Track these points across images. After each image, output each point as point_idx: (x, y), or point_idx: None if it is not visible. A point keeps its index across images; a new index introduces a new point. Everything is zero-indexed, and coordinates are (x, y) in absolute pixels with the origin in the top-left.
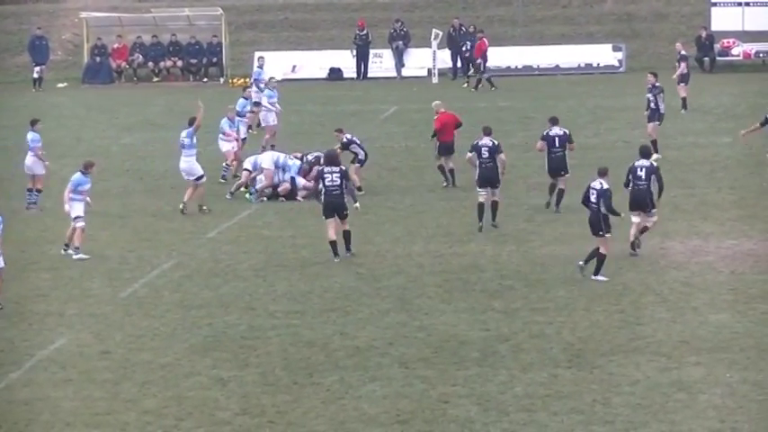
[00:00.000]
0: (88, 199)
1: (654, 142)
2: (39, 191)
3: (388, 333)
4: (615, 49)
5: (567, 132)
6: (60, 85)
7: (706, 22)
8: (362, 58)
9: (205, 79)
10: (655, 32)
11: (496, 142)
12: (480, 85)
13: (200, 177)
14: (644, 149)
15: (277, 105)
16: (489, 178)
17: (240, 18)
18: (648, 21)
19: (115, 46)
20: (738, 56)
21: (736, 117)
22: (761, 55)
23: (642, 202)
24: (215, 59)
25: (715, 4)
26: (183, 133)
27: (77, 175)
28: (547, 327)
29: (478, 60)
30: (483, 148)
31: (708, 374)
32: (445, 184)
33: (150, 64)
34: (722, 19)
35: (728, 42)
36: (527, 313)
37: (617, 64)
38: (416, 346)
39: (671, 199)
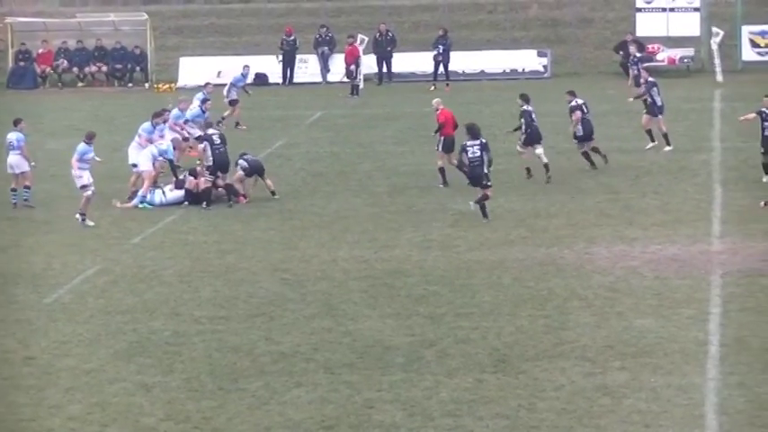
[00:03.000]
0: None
1: (665, 135)
2: (27, 187)
3: (314, 338)
4: (540, 54)
5: (484, 142)
6: None
7: (631, 27)
8: (289, 64)
9: (130, 84)
10: (580, 38)
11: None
12: (356, 93)
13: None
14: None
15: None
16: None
17: (165, 23)
18: (573, 26)
19: (40, 51)
20: (663, 61)
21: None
22: (685, 60)
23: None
24: (140, 65)
25: (640, 10)
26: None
27: (82, 145)
28: (472, 332)
29: (351, 66)
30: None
31: (632, 379)
32: (441, 185)
33: (75, 69)
34: (647, 24)
35: (653, 48)
36: (452, 318)
37: (542, 69)
38: (341, 351)
39: (596, 204)
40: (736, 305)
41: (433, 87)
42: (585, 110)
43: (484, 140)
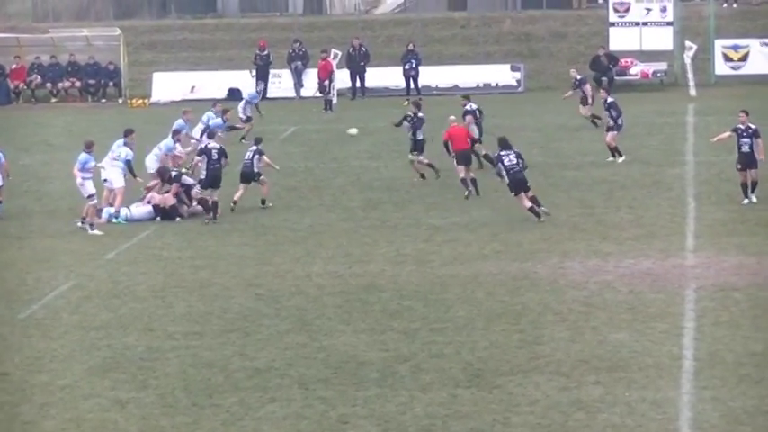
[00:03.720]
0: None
1: (613, 149)
2: None
3: (288, 354)
4: (514, 68)
5: None
6: None
7: (604, 41)
8: (263, 78)
9: (104, 100)
10: (553, 52)
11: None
12: (329, 108)
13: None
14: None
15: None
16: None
17: (138, 38)
18: (546, 41)
19: (13, 67)
20: (636, 75)
21: (634, 137)
22: (658, 74)
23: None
24: (114, 80)
25: (613, 24)
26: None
27: (82, 155)
28: (446, 347)
29: (325, 81)
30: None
31: (607, 393)
32: (467, 194)
33: (48, 85)
34: (620, 39)
35: (626, 62)
36: (426, 333)
37: (515, 84)
38: (316, 366)
39: (569, 218)
40: (710, 319)
41: (406, 102)
42: (479, 115)
43: (516, 150)
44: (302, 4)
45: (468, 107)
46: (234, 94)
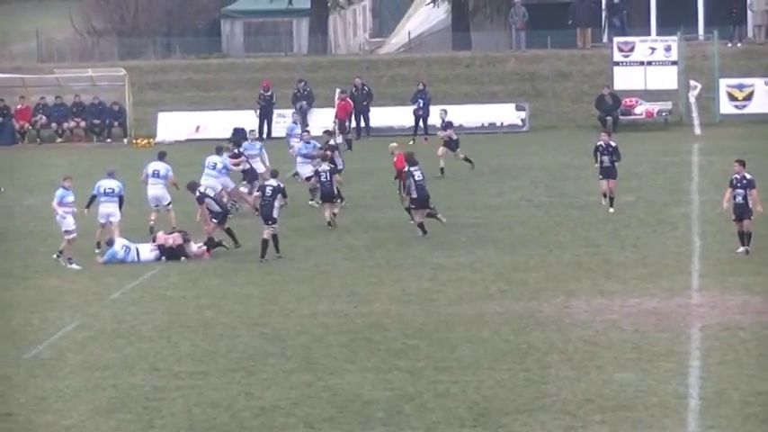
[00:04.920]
0: (75, 209)
1: (604, 194)
2: None
3: (294, 393)
4: (518, 108)
5: None
6: None
7: (609, 81)
8: (266, 117)
9: (109, 140)
10: (557, 92)
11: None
12: (350, 148)
13: (169, 203)
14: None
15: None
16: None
17: (143, 78)
18: (551, 80)
19: (18, 107)
20: (641, 115)
21: (639, 176)
22: (663, 114)
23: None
24: (119, 120)
25: (617, 64)
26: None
27: (60, 190)
28: (452, 386)
29: (346, 122)
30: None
31: None
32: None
33: (54, 125)
34: (625, 78)
35: (631, 101)
36: (432, 372)
37: (520, 123)
38: (322, 406)
39: (574, 257)
40: (715, 358)
41: (412, 142)
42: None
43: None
44: (307, 45)
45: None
46: (238, 134)
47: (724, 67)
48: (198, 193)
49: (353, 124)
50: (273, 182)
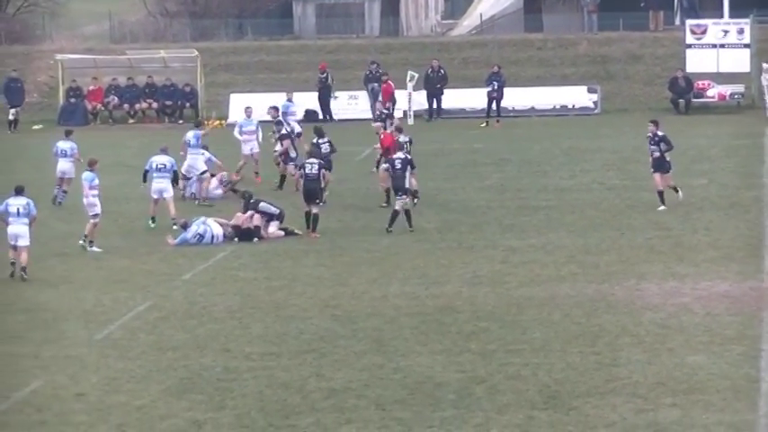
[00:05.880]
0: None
1: (660, 193)
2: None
3: (364, 375)
4: (590, 90)
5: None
6: (36, 127)
7: (681, 63)
8: (322, 100)
9: (180, 121)
10: (629, 74)
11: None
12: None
13: (203, 173)
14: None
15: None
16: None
17: (215, 60)
18: (623, 62)
19: (90, 88)
20: (713, 97)
21: (711, 159)
22: (735, 96)
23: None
24: (191, 101)
25: (690, 46)
26: (190, 133)
27: (86, 173)
28: (523, 368)
29: (387, 104)
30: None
31: (684, 416)
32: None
33: (125, 106)
34: (697, 61)
35: (703, 84)
36: (503, 355)
37: (592, 105)
38: (392, 387)
39: (646, 240)
40: None
41: (484, 124)
42: (409, 146)
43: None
44: (378, 26)
45: (400, 138)
46: (310, 116)
47: None
48: (251, 202)
49: (425, 106)
50: (401, 154)
